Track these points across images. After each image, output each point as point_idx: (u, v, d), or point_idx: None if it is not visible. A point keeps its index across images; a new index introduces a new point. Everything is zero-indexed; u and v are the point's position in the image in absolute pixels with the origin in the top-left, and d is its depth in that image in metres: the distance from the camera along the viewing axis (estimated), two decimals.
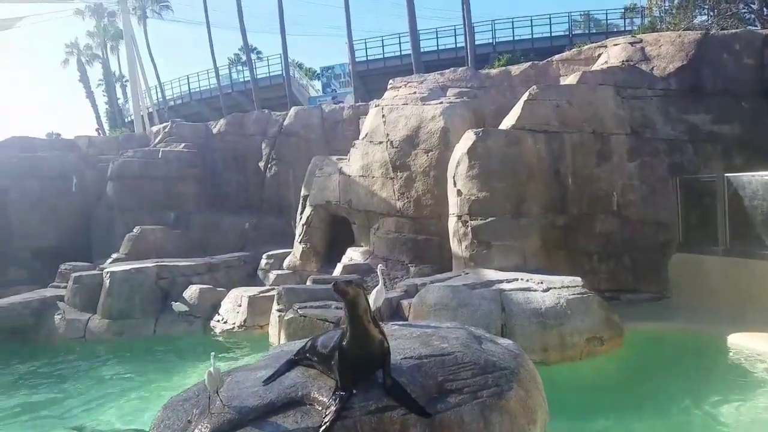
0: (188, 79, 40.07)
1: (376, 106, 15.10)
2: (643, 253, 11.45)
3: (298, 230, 15.77)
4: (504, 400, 4.03)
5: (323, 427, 3.58)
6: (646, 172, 11.67)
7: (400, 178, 13.47)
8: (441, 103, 13.89)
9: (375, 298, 5.80)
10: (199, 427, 3.73)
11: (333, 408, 3.71)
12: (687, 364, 8.16)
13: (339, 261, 14.22)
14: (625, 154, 11.66)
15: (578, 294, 8.83)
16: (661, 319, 10.09)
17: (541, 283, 9.23)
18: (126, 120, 42.55)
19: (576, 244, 11.41)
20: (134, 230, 17.81)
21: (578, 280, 9.33)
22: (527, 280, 9.45)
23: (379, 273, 6.76)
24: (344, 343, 3.97)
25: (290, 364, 4.55)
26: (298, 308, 10.08)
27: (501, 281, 9.51)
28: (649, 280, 11.41)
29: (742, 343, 8.51)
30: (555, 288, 8.99)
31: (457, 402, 3.93)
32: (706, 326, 9.28)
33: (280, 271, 15.27)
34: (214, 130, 22.39)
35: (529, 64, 15.91)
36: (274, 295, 11.17)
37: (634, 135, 11.76)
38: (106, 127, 42.91)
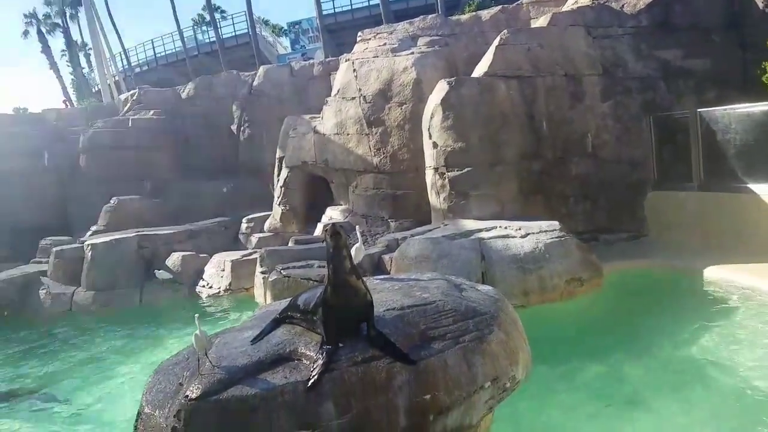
0: (153, 43, 38.71)
1: (346, 61, 14.82)
2: (619, 193, 11.67)
3: (277, 192, 15.70)
4: (485, 344, 4.18)
5: (312, 380, 3.69)
6: (620, 111, 11.75)
7: (375, 133, 13.37)
8: (412, 53, 13.67)
9: (354, 255, 5.85)
10: (191, 388, 3.81)
11: (320, 361, 3.82)
12: (665, 299, 8.45)
13: (319, 221, 14.25)
14: (597, 94, 11.70)
15: (556, 237, 9.02)
16: (639, 257, 10.38)
17: (519, 229, 9.40)
18: (93, 90, 41.13)
19: (552, 188, 11.57)
20: (111, 201, 17.59)
21: (555, 224, 9.51)
22: (505, 228, 9.61)
23: (357, 232, 6.84)
24: (327, 297, 4.05)
25: (276, 323, 4.63)
26: (282, 269, 10.15)
27: (480, 230, 9.66)
28: (625, 219, 11.67)
29: (717, 275, 8.80)
30: (533, 233, 9.17)
31: (440, 348, 4.06)
32: (682, 262, 9.58)
33: (261, 234, 15.28)
34: (183, 95, 21.85)
35: (499, 8, 15.63)
36: (256, 258, 11.23)
37: (606, 75, 11.78)
38: (73, 98, 41.47)
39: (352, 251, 5.85)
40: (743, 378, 5.79)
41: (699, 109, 11.02)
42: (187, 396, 3.75)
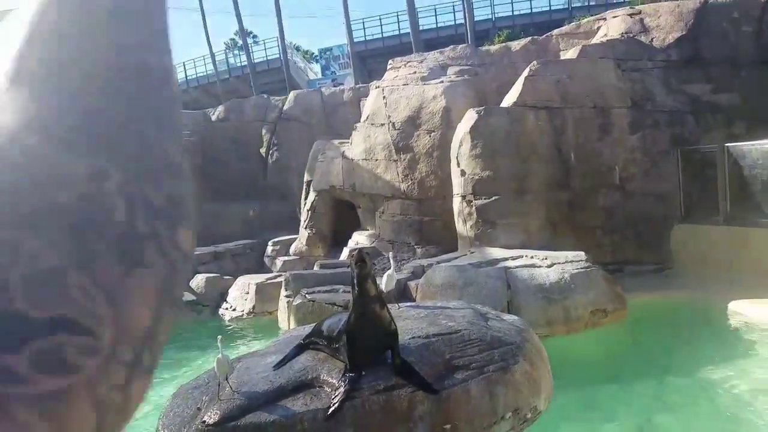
0: (184, 65, 39.81)
1: (376, 88, 15.07)
2: (646, 226, 11.48)
3: (303, 216, 15.85)
4: (509, 374, 4.13)
5: (332, 408, 3.68)
6: (648, 144, 11.63)
7: (404, 159, 13.47)
8: (442, 82, 13.83)
9: (386, 282, 5.83)
10: (209, 413, 3.83)
11: (342, 389, 3.81)
12: (688, 332, 8.26)
13: (345, 245, 14.31)
14: (626, 127, 11.62)
15: (582, 268, 8.91)
16: (664, 288, 10.17)
17: (546, 258, 9.30)
18: None
19: (579, 219, 11.44)
20: None
21: (582, 254, 9.39)
22: (532, 257, 9.52)
23: (390, 258, 6.83)
24: (351, 324, 4.05)
25: (300, 349, 4.65)
26: (306, 293, 10.18)
27: (506, 259, 9.58)
28: (651, 252, 11.46)
29: (741, 310, 8.61)
30: (559, 263, 9.07)
31: (464, 377, 4.02)
32: (707, 295, 9.36)
33: (286, 258, 15.39)
34: (213, 117, 22.37)
35: (528, 39, 15.77)
36: (281, 282, 11.28)
37: (635, 107, 11.71)
38: None
39: (384, 278, 5.88)
40: (758, 413, 5.58)
41: (726, 144, 10.86)
42: (204, 421, 3.78)
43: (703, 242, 10.85)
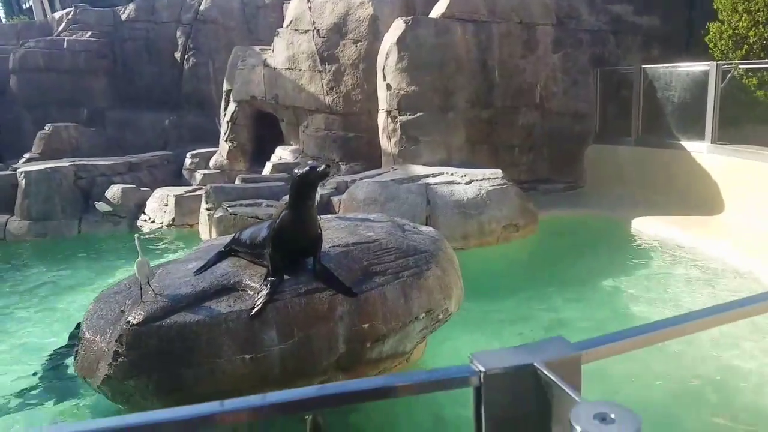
0: None
1: None
2: (561, 145, 12.06)
3: (223, 128, 15.24)
4: (423, 279, 4.41)
5: (255, 309, 3.81)
6: (569, 63, 11.97)
7: (329, 71, 13.08)
8: None
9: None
10: (133, 314, 3.86)
11: (264, 291, 3.93)
12: (593, 246, 9.02)
13: (268, 160, 14.03)
14: (549, 45, 11.83)
15: (498, 185, 9.35)
16: (574, 206, 10.91)
17: (465, 176, 9.65)
18: (24, 6, 37.67)
19: (499, 137, 11.81)
20: (46, 128, 16.60)
21: (499, 172, 9.82)
22: (452, 174, 9.83)
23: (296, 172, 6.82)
24: (284, 224, 4.12)
25: (220, 255, 4.69)
26: (228, 206, 10.06)
27: (427, 176, 9.84)
28: (565, 170, 12.13)
29: (645, 225, 9.42)
30: (477, 180, 9.45)
31: (380, 282, 4.26)
32: (614, 212, 10.16)
33: (206, 171, 14.91)
34: (123, 17, 20.41)
35: None
36: (201, 195, 11.03)
37: (560, 25, 11.89)
38: (1, 14, 37.91)
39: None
40: (650, 312, 6.40)
41: (643, 65, 11.38)
42: (129, 321, 3.81)
43: (615, 162, 11.59)
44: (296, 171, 4.19)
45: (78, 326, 5.75)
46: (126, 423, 0.98)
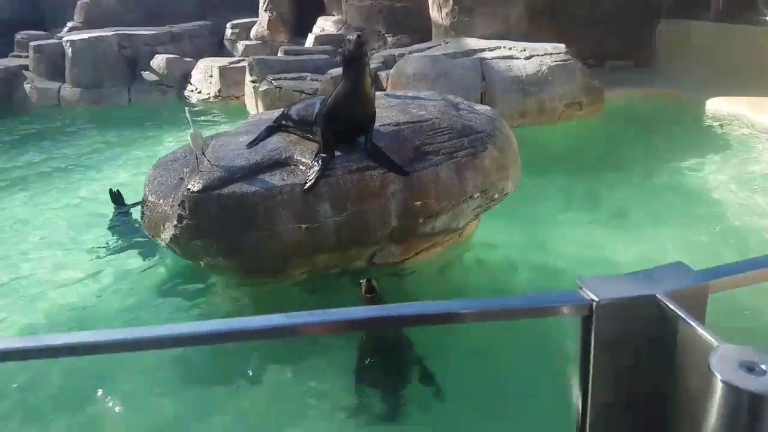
0: None
1: None
2: (631, 19, 11.03)
3: None
4: (478, 159, 4.26)
5: (309, 183, 3.81)
6: None
7: None
8: None
9: None
10: (192, 182, 3.95)
11: (317, 167, 3.90)
12: (664, 129, 8.44)
13: (310, 31, 13.43)
14: None
15: (560, 61, 8.74)
16: (644, 85, 10.15)
17: (524, 50, 9.01)
18: None
19: (563, 8, 10.84)
20: None
21: (561, 46, 9.12)
22: (509, 48, 9.20)
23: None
24: (338, 100, 3.98)
25: (270, 130, 4.62)
26: (273, 80, 9.84)
27: (483, 50, 9.23)
28: (635, 46, 11.20)
29: (719, 107, 8.75)
30: (537, 55, 8.83)
31: (433, 162, 4.14)
32: (687, 92, 9.41)
33: (248, 42, 14.47)
34: None
35: None
36: (244, 66, 10.80)
37: None
38: None
39: None
40: (721, 204, 6.06)
41: None
42: (189, 188, 3.90)
43: (691, 38, 10.56)
44: (343, 45, 3.98)
45: (116, 195, 6.03)
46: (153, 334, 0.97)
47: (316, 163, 3.95)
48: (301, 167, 4.05)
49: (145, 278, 4.90)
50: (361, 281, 3.71)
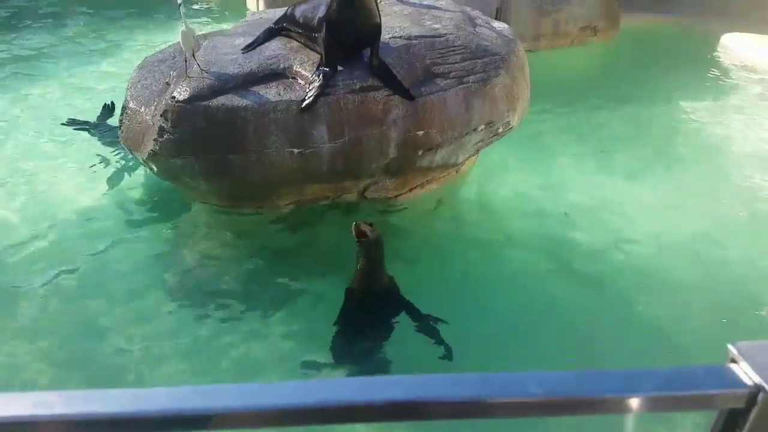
0: None
1: None
2: None
3: None
4: (489, 86, 3.98)
5: (306, 102, 3.54)
6: None
7: None
8: None
9: None
10: (178, 89, 3.64)
11: (317, 83, 3.61)
12: (674, 61, 8.01)
13: None
14: None
15: None
16: (662, 11, 9.51)
17: None
18: None
19: None
20: None
21: None
22: None
23: None
24: (334, 10, 3.61)
25: (270, 33, 4.27)
26: None
27: None
28: None
29: (734, 45, 8.28)
30: None
31: (442, 86, 3.86)
32: (704, 23, 8.86)
33: None
34: None
35: None
36: None
37: None
38: None
39: None
40: (728, 146, 5.86)
41: None
42: (174, 97, 3.61)
43: None
44: None
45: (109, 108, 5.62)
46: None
47: (316, 78, 3.66)
48: (300, 81, 3.76)
49: (117, 200, 4.56)
50: (356, 222, 3.22)
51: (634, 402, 0.63)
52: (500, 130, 4.21)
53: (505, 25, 4.96)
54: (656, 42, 8.71)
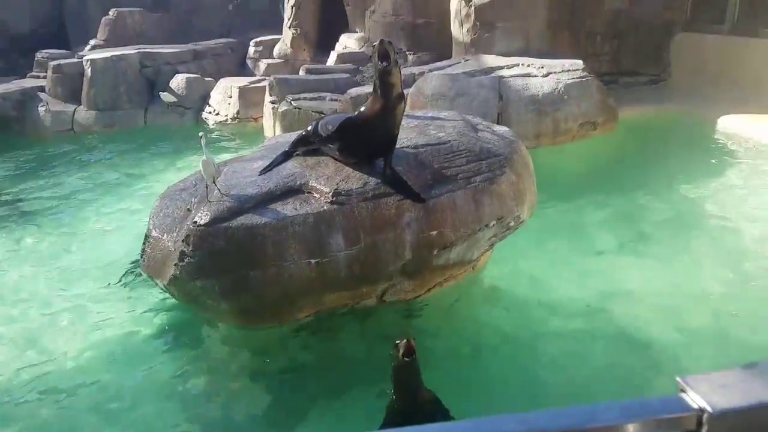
0: None
1: None
2: (648, 33, 10.82)
3: (287, 13, 14.60)
4: (495, 184, 4.14)
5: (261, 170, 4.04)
6: None
7: None
8: None
9: None
10: (199, 214, 3.84)
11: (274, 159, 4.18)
12: (677, 147, 8.26)
13: (332, 49, 13.46)
14: None
15: (577, 78, 8.58)
16: (658, 102, 9.96)
17: (542, 67, 8.87)
18: None
19: (582, 23, 10.68)
20: (110, 13, 16.54)
21: (579, 63, 8.97)
22: (528, 66, 9.06)
23: (372, 63, 6.38)
24: (363, 120, 3.91)
25: (286, 156, 4.55)
26: (292, 100, 9.84)
27: (501, 67, 9.12)
28: (650, 62, 10.97)
29: (734, 125, 8.51)
30: (555, 72, 8.69)
31: (450, 188, 4.02)
32: (702, 110, 9.17)
33: (270, 60, 14.56)
34: None
35: None
36: (265, 86, 10.82)
37: None
38: None
39: None
40: (737, 223, 5.88)
41: None
42: (196, 222, 3.80)
43: (705, 52, 10.31)
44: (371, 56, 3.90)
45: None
46: None
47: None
48: (315, 195, 3.96)
49: (139, 326, 4.64)
50: (398, 342, 3.09)
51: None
52: (511, 224, 4.30)
53: (506, 128, 5.25)
54: (655, 130, 9.03)
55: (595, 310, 4.43)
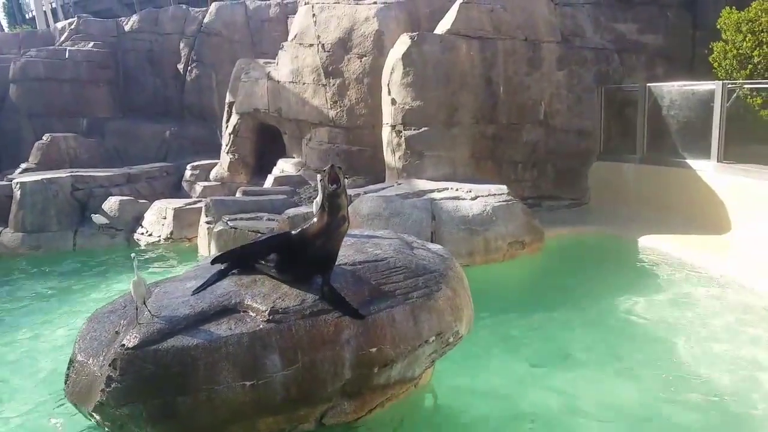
0: None
1: (305, 4, 14.15)
2: (566, 162, 11.92)
3: (225, 140, 15.11)
4: (432, 300, 4.22)
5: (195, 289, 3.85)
6: (574, 81, 11.86)
7: (333, 85, 12.97)
8: (375, 3, 13.17)
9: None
10: (128, 337, 3.64)
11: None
12: (599, 265, 8.82)
13: (269, 173, 13.87)
14: (554, 62, 11.73)
15: (503, 201, 9.20)
16: (579, 223, 10.75)
17: (470, 191, 9.49)
18: (26, 16, 37.83)
19: (503, 153, 11.66)
20: (44, 138, 16.54)
21: (504, 188, 9.67)
22: (457, 189, 9.68)
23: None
24: (311, 233, 4.00)
25: (221, 274, 4.48)
26: (228, 220, 9.87)
27: (432, 191, 9.69)
28: (569, 187, 11.98)
29: (650, 244, 9.25)
30: (482, 196, 9.30)
31: (389, 304, 4.06)
32: (620, 230, 9.99)
33: (207, 183, 14.75)
34: (126, 28, 20.40)
35: None
36: (201, 208, 10.85)
37: (565, 43, 11.81)
38: (3, 23, 38.02)
39: (313, 205, 5.75)
40: (665, 335, 6.18)
41: (648, 84, 11.32)
42: (124, 344, 3.59)
43: (620, 179, 11.44)
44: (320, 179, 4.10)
45: None
46: None
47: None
48: (251, 313, 3.87)
49: None
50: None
51: None
52: (451, 340, 4.33)
53: (440, 246, 5.48)
54: (580, 249, 9.65)
55: (540, 426, 4.38)
